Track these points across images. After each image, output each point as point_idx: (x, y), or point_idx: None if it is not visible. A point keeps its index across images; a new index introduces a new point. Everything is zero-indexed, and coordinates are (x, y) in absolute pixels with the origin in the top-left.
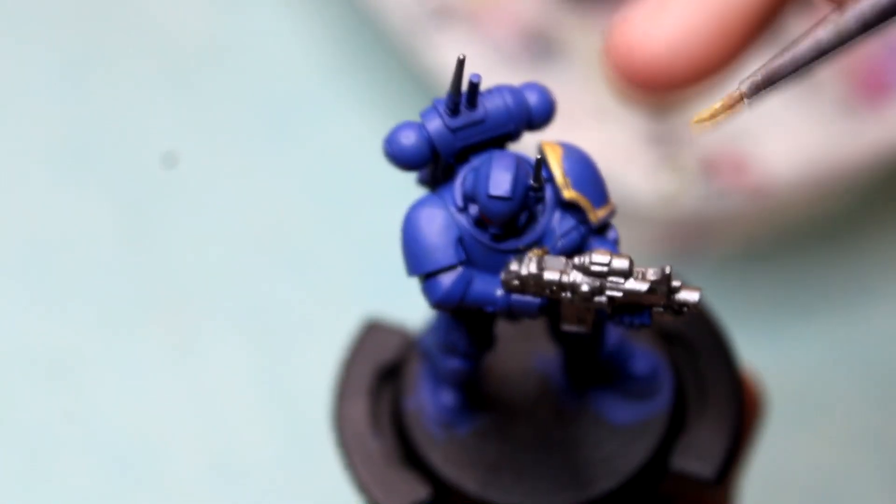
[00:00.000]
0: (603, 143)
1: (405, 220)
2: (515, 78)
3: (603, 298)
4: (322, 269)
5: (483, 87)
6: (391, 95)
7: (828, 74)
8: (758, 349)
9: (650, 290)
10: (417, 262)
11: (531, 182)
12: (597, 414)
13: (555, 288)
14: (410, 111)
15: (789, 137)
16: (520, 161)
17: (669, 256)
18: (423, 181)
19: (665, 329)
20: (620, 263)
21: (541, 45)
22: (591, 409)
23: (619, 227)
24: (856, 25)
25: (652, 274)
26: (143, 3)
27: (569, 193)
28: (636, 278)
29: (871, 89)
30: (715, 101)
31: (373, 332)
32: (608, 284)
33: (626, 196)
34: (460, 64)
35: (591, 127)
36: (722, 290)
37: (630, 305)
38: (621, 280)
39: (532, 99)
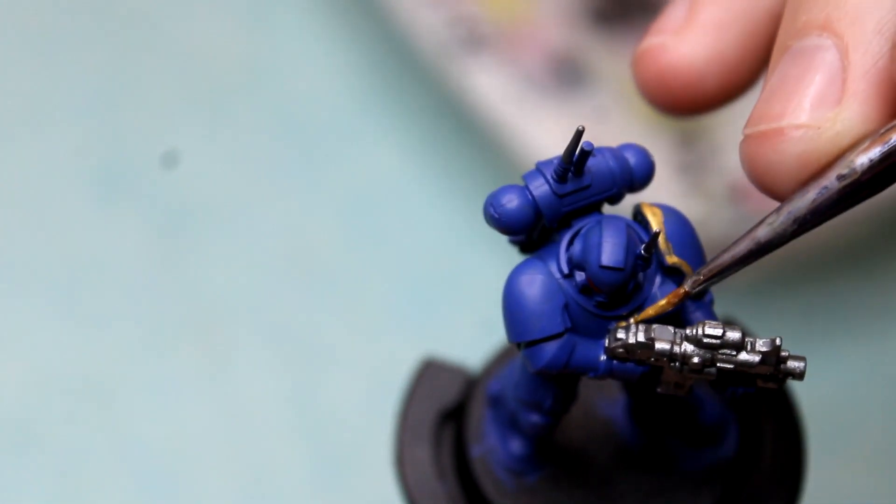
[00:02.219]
0: None
1: (508, 285)
2: (545, 104)
3: (713, 370)
4: (353, 293)
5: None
6: (423, 120)
7: None
8: None
9: (761, 362)
10: (522, 328)
11: (641, 251)
12: (665, 460)
13: (664, 359)
14: (442, 136)
15: None
16: (629, 229)
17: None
18: (515, 242)
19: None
20: (733, 336)
21: (570, 71)
22: (658, 457)
23: None
24: (791, 226)
25: (762, 345)
26: (177, 29)
27: (671, 259)
28: (747, 350)
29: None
30: (660, 299)
31: (431, 371)
32: (720, 356)
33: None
34: (578, 135)
35: None
36: (749, 315)
37: (735, 375)
38: (733, 352)
39: (632, 160)
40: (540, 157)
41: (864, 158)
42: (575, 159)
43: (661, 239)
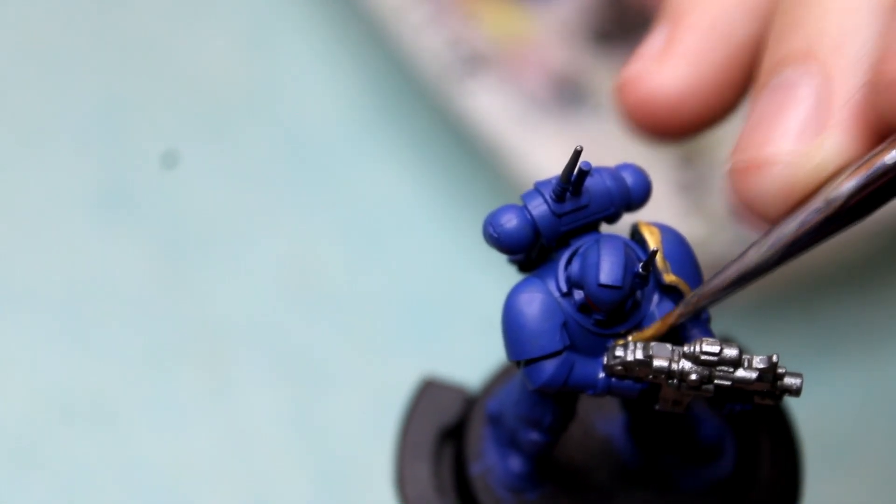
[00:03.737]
0: None
1: (507, 304)
2: (547, 124)
3: (710, 387)
4: (355, 313)
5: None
6: (424, 140)
7: None
8: None
9: (758, 379)
10: (522, 347)
11: (639, 269)
12: (664, 480)
13: (662, 376)
14: (443, 156)
15: None
16: (627, 248)
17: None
18: (512, 260)
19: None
20: (731, 353)
21: (571, 91)
22: (657, 474)
23: None
24: (778, 252)
25: (759, 362)
26: (179, 50)
27: (669, 278)
28: (744, 367)
29: None
30: (648, 327)
31: (430, 390)
32: (717, 373)
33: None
34: (577, 154)
35: None
36: (750, 335)
37: (733, 392)
38: (730, 369)
39: (630, 180)
40: (541, 176)
41: (849, 185)
42: (573, 179)
43: (658, 257)
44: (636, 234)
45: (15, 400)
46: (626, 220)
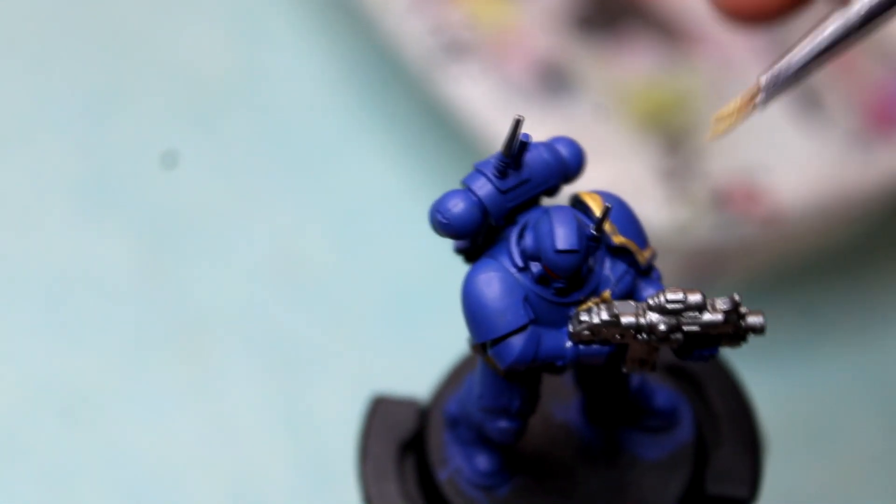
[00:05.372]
0: (616, 175)
1: (466, 288)
2: (531, 111)
3: (679, 336)
4: (340, 303)
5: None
6: (409, 127)
7: (839, 105)
8: (769, 379)
9: (725, 321)
10: (487, 327)
11: (592, 231)
12: (628, 454)
13: (631, 331)
14: (428, 142)
15: (801, 168)
16: (577, 214)
17: (684, 286)
18: (460, 250)
19: (669, 364)
20: (695, 298)
21: (554, 78)
22: (621, 450)
23: None
24: (860, 18)
25: (723, 304)
26: (164, 40)
27: (618, 239)
28: (710, 310)
29: (881, 120)
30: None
31: (383, 407)
32: (684, 320)
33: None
34: (517, 124)
35: (604, 161)
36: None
37: (699, 339)
38: (697, 314)
39: (564, 152)
40: None
41: None
42: (514, 152)
43: (605, 221)
44: (578, 204)
45: None
46: (565, 193)
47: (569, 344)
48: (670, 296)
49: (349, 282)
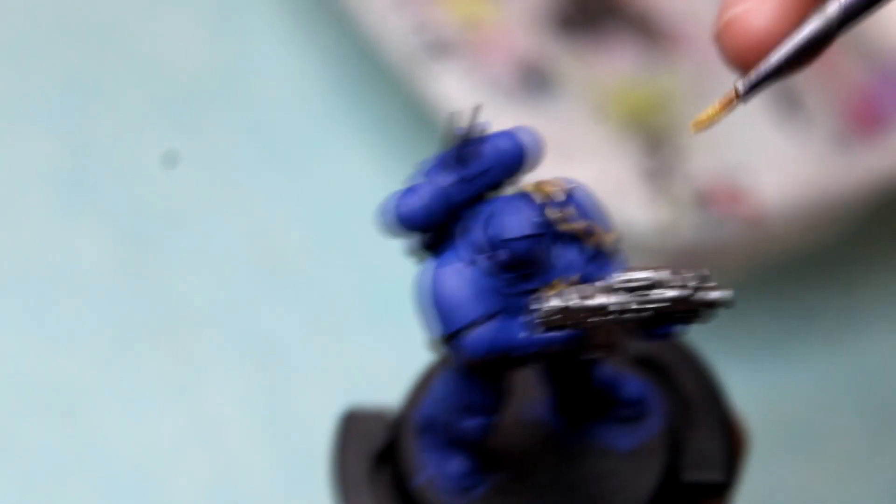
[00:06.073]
0: (598, 175)
1: (422, 286)
2: (512, 110)
3: (649, 312)
4: (321, 299)
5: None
6: (390, 125)
7: (820, 107)
8: (751, 378)
9: (692, 295)
10: (447, 321)
11: (544, 219)
12: (601, 446)
13: (600, 313)
14: (408, 141)
15: (783, 168)
16: (528, 201)
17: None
18: (412, 251)
19: (637, 355)
20: (661, 274)
21: (536, 78)
22: (593, 443)
23: None
24: (838, 16)
25: (689, 278)
26: (142, 32)
27: (579, 224)
28: (677, 285)
29: (863, 120)
30: (711, 103)
31: (354, 421)
32: (653, 297)
33: (622, 227)
34: (474, 113)
35: (586, 160)
36: (716, 320)
37: (664, 316)
38: (664, 290)
39: (523, 141)
40: None
41: None
42: (472, 141)
43: (560, 209)
44: (537, 192)
45: None
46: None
47: (536, 332)
48: (637, 274)
49: (330, 279)
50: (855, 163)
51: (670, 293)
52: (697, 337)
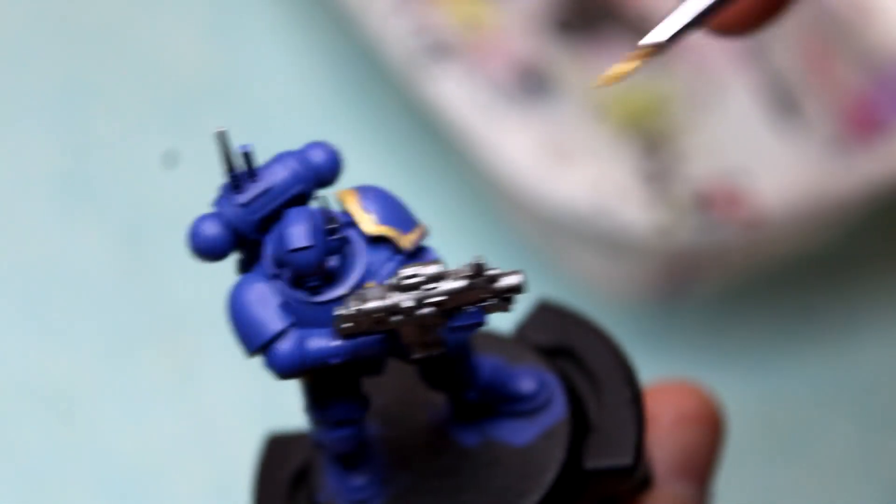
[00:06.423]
0: (597, 177)
1: (228, 303)
2: (511, 112)
3: (428, 309)
4: None
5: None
6: (389, 127)
7: (818, 111)
8: (748, 382)
9: (469, 286)
10: (250, 338)
11: (329, 226)
12: (500, 443)
13: (383, 315)
14: (408, 143)
15: (781, 172)
16: (314, 212)
17: (663, 289)
18: (238, 268)
19: (545, 346)
20: (430, 269)
21: (536, 80)
22: (492, 441)
23: (614, 261)
24: None
25: (465, 269)
26: (141, 34)
27: (373, 228)
28: (451, 278)
29: (860, 125)
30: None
31: (276, 445)
32: (429, 293)
33: (620, 229)
34: (221, 137)
35: (585, 162)
36: (714, 323)
37: (460, 309)
38: (438, 284)
39: (318, 157)
40: (506, 163)
41: None
42: (236, 166)
43: (358, 213)
44: (323, 202)
45: None
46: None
47: (339, 341)
48: (405, 272)
49: None
50: (852, 167)
51: (455, 284)
52: (692, 341)
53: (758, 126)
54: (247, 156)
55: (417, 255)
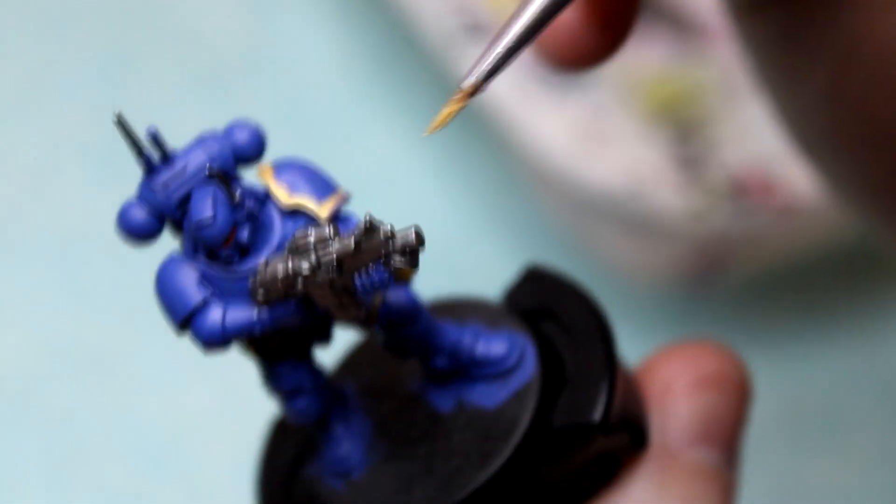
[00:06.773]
0: (631, 161)
1: (155, 282)
2: (545, 96)
3: (329, 272)
4: None
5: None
6: (423, 107)
7: None
8: (778, 369)
9: (359, 244)
10: (174, 312)
11: (232, 200)
12: (472, 407)
13: (289, 280)
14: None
15: None
16: (216, 187)
17: (695, 274)
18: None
19: (530, 309)
20: (320, 231)
21: None
22: (466, 405)
23: (647, 245)
24: None
25: (354, 227)
26: (180, 10)
27: (286, 200)
28: (341, 237)
29: None
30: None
31: (280, 430)
32: (323, 254)
33: (653, 213)
34: (121, 123)
35: (619, 146)
36: (745, 309)
37: (366, 269)
38: (330, 245)
39: (239, 137)
40: (540, 146)
41: None
42: (144, 149)
43: (272, 186)
44: (224, 177)
45: (11, 349)
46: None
47: (257, 312)
48: (297, 234)
49: None
50: None
51: (343, 243)
52: (722, 326)
53: None
54: (154, 138)
55: (339, 223)
